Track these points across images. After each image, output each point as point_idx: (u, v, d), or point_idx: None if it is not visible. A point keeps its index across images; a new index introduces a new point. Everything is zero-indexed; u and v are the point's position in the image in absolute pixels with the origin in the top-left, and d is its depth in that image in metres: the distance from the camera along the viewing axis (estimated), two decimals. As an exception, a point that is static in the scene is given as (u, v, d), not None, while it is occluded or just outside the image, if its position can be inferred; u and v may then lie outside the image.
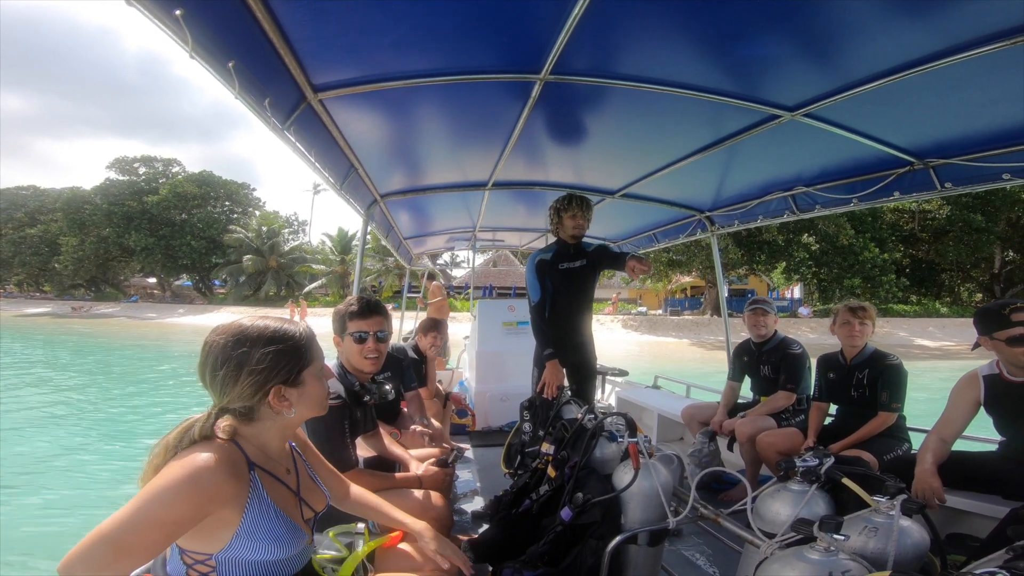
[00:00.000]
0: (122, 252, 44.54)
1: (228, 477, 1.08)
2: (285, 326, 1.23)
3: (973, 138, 2.51)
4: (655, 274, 28.54)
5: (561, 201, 3.23)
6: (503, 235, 6.75)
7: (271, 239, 42.28)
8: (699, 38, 1.91)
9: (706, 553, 2.63)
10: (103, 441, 7.99)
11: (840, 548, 1.11)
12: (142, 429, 8.68)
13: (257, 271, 40.32)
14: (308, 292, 39.21)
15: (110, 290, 49.37)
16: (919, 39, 1.79)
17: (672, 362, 18.96)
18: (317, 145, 2.37)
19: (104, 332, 26.99)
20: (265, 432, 1.22)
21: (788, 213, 3.64)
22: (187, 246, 42.28)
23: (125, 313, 38.02)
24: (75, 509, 5.43)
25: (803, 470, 1.42)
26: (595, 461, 1.93)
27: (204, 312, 36.32)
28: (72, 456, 7.20)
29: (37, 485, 6.07)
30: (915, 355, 19.06)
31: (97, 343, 22.12)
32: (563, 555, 1.79)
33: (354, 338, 2.18)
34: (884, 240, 26.16)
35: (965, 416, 2.38)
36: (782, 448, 2.95)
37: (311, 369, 1.25)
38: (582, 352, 3.36)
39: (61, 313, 38.77)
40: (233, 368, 1.14)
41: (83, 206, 43.66)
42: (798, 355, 3.33)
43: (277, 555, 1.17)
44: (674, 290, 37.49)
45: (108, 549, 0.94)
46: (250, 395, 1.16)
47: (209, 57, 1.35)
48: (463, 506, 3.26)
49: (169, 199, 42.40)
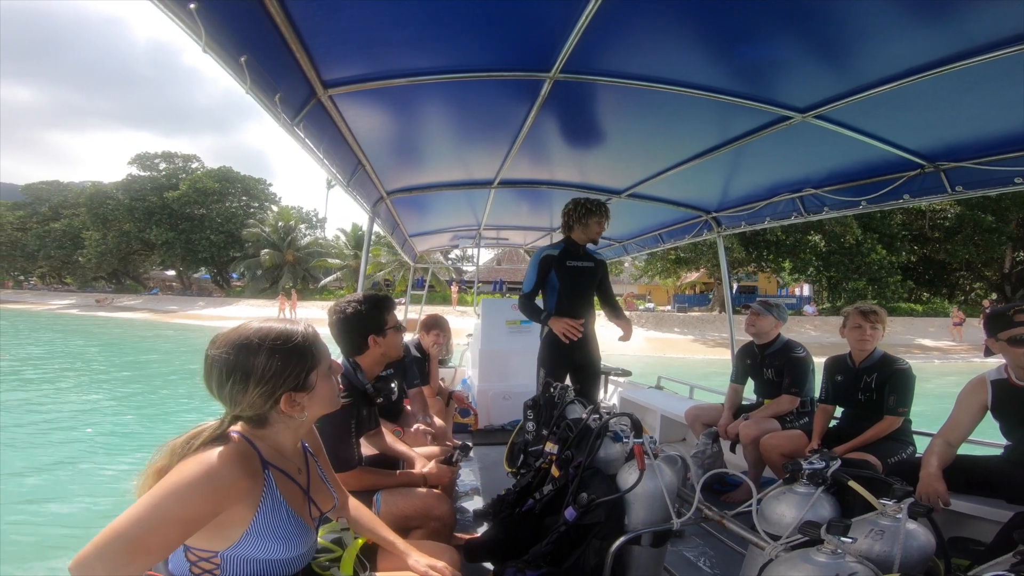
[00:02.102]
0: (143, 246, 45.44)
1: (243, 474, 1.08)
2: (287, 329, 1.20)
3: (985, 141, 2.50)
4: (663, 271, 28.58)
5: (593, 204, 3.28)
6: (507, 234, 6.75)
7: (288, 234, 43.03)
8: (712, 38, 1.91)
9: (708, 554, 2.63)
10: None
11: (847, 551, 1.11)
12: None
13: (274, 265, 40.99)
14: (324, 286, 39.77)
15: (130, 283, 50.36)
16: (933, 42, 1.78)
17: (675, 355, 19.04)
18: (326, 141, 2.37)
19: (141, 326, 27.24)
20: (279, 434, 1.23)
21: (796, 215, 3.62)
22: (206, 240, 42.98)
23: (147, 306, 38.36)
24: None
25: (809, 472, 1.42)
26: (599, 461, 1.92)
27: (224, 305, 36.75)
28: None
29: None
30: (914, 355, 18.92)
31: (142, 336, 22.23)
32: (566, 555, 1.79)
33: (396, 329, 2.20)
34: (894, 238, 25.93)
35: (972, 420, 2.37)
36: (786, 450, 2.94)
37: (319, 369, 1.23)
38: (585, 350, 3.36)
39: (86, 305, 39.25)
40: (240, 379, 1.13)
41: (106, 201, 44.50)
42: (801, 359, 3.32)
43: (284, 554, 1.16)
44: (683, 286, 37.42)
45: (125, 546, 0.93)
46: (260, 404, 1.15)
47: (222, 51, 1.36)
48: (464, 504, 3.26)
49: (189, 194, 43.08)
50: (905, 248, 26.62)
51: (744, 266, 28.27)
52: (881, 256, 24.91)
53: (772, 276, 32.30)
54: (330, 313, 2.19)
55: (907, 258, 26.84)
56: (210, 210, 44.41)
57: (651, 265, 29.10)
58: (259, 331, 1.16)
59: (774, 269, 28.07)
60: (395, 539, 1.59)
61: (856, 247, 24.75)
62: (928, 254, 28.34)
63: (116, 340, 20.85)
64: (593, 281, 3.41)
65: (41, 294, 49.11)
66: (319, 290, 39.52)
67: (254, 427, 1.19)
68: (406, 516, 1.99)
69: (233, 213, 45.26)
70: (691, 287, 38.21)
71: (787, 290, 35.83)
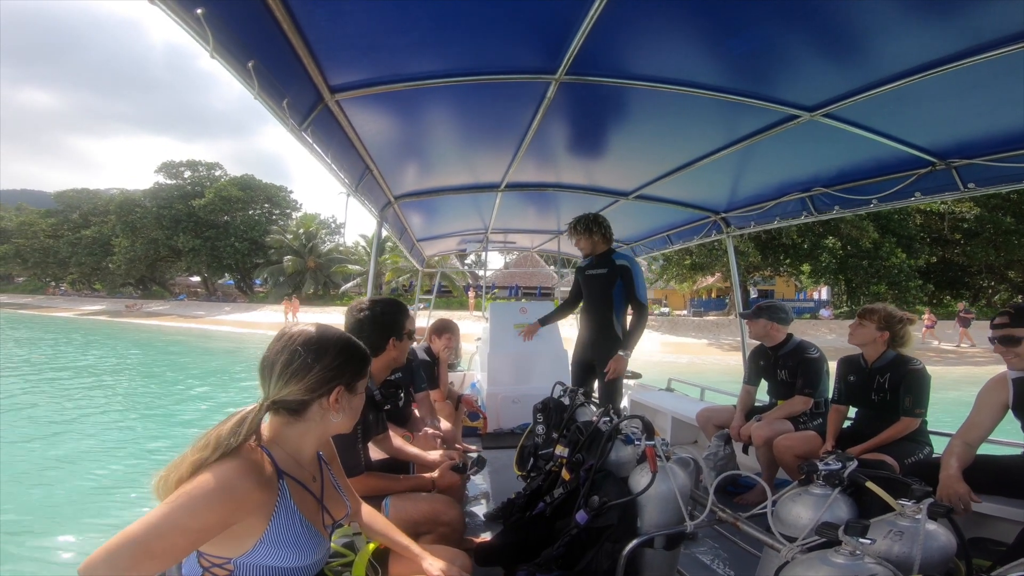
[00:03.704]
0: (170, 253, 46.59)
1: (257, 486, 1.09)
2: (355, 339, 1.34)
3: (997, 138, 2.47)
4: (678, 276, 28.63)
5: (570, 224, 3.72)
6: (515, 237, 6.75)
7: (309, 241, 43.94)
8: (717, 38, 1.90)
9: (722, 557, 2.60)
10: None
11: (866, 552, 1.09)
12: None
13: (296, 271, 41.84)
14: (344, 291, 40.37)
15: (156, 288, 51.73)
16: (942, 39, 1.76)
17: (687, 358, 18.99)
18: (333, 146, 2.38)
19: (177, 331, 27.71)
20: (305, 434, 1.25)
21: (806, 214, 3.60)
22: (231, 247, 43.97)
23: (175, 311, 39.11)
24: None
25: (825, 473, 1.40)
26: (611, 464, 1.91)
27: (249, 310, 37.47)
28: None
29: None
30: (931, 359, 18.66)
31: (186, 342, 22.61)
32: (578, 558, 1.78)
33: (409, 336, 2.22)
34: (913, 240, 25.58)
35: (992, 420, 2.32)
36: (800, 452, 2.91)
37: (363, 382, 1.33)
38: (599, 348, 3.60)
39: (117, 311, 40.26)
40: (308, 363, 1.21)
41: (134, 209, 45.96)
42: (815, 359, 3.28)
43: (297, 561, 1.17)
44: (700, 291, 37.22)
45: (132, 551, 0.95)
46: (312, 389, 1.21)
47: (230, 57, 1.37)
48: (474, 509, 3.25)
49: (214, 202, 44.11)
50: (925, 251, 26.23)
51: (760, 270, 28.07)
52: (900, 259, 24.58)
53: (790, 280, 32.05)
54: (352, 311, 2.19)
55: (927, 260, 26.43)
56: (234, 218, 45.56)
57: (667, 271, 29.01)
58: (335, 331, 1.31)
59: (791, 273, 27.84)
60: (409, 543, 1.59)
61: (874, 250, 24.47)
62: (948, 257, 27.96)
63: (179, 346, 21.28)
64: (607, 286, 3.61)
65: (72, 299, 50.49)
66: (339, 296, 40.09)
67: (286, 419, 1.22)
68: (415, 521, 1.98)
69: (256, 221, 46.43)
70: (707, 291, 38.02)
71: (805, 293, 35.55)
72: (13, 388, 11.43)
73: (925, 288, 25.84)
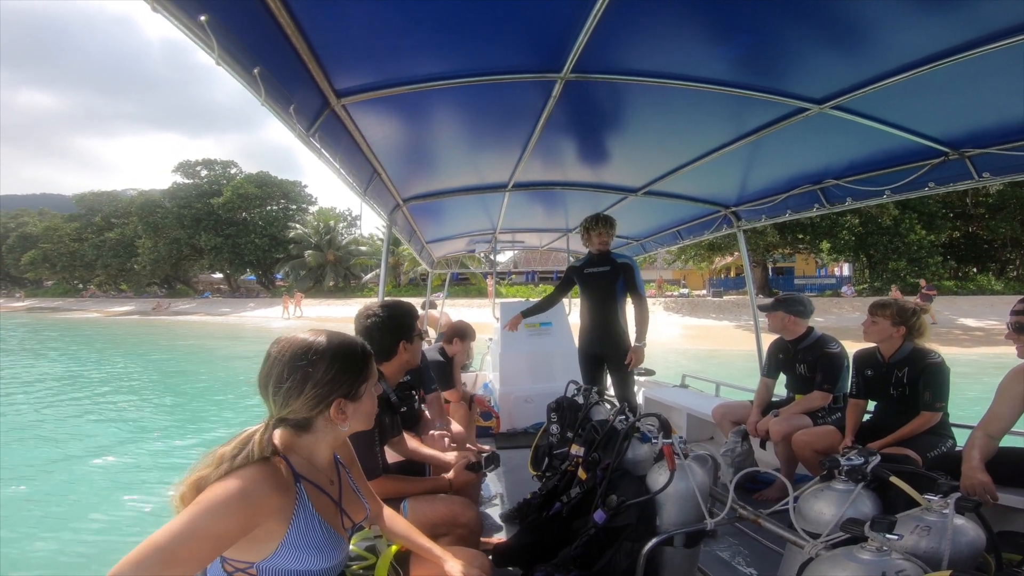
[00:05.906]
0: (193, 251, 47.69)
1: (275, 491, 1.10)
2: (349, 340, 1.27)
3: (1010, 127, 2.43)
4: (695, 256, 28.66)
5: (590, 220, 3.83)
6: (523, 236, 6.74)
7: (328, 234, 44.66)
8: (723, 31, 1.88)
9: (743, 554, 2.57)
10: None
11: (893, 548, 1.07)
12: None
13: (317, 265, 42.48)
14: (365, 283, 40.99)
15: (181, 287, 52.86)
16: (951, 29, 1.74)
17: (715, 346, 17.85)
18: (341, 151, 2.38)
19: (217, 331, 27.80)
20: (317, 443, 1.25)
21: (817, 206, 3.57)
22: (252, 244, 44.90)
23: (202, 309, 39.71)
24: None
25: (848, 468, 1.38)
26: (627, 463, 1.90)
27: (272, 305, 38.10)
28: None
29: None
30: (956, 337, 17.74)
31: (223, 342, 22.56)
32: (596, 558, 1.76)
33: (419, 337, 2.22)
34: (934, 216, 25.18)
35: (1013, 411, 2.28)
36: (819, 447, 2.87)
37: (368, 384, 1.28)
38: (606, 341, 3.82)
39: (145, 311, 41.04)
40: (298, 380, 1.17)
41: (155, 209, 47.01)
42: (835, 354, 3.23)
43: (318, 564, 1.18)
44: (718, 269, 36.89)
45: (159, 558, 0.96)
46: (311, 407, 1.19)
47: (235, 63, 1.37)
48: (488, 510, 3.24)
49: (233, 200, 45.08)
50: (947, 226, 25.84)
51: (780, 248, 27.92)
52: (920, 236, 24.23)
53: (810, 256, 31.84)
54: (360, 318, 2.18)
55: (949, 235, 26.09)
56: (252, 214, 46.45)
57: (685, 251, 28.89)
58: (324, 337, 1.23)
59: (810, 250, 27.70)
60: (431, 545, 1.59)
61: (894, 227, 24.19)
62: (972, 231, 27.65)
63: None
64: (611, 282, 3.80)
65: (101, 301, 51.58)
66: (360, 287, 40.76)
67: (295, 432, 1.22)
68: (433, 523, 1.98)
69: (274, 217, 47.26)
70: (725, 270, 37.67)
71: (826, 270, 35.08)
72: (121, 402, 10.88)
73: (947, 264, 25.52)
